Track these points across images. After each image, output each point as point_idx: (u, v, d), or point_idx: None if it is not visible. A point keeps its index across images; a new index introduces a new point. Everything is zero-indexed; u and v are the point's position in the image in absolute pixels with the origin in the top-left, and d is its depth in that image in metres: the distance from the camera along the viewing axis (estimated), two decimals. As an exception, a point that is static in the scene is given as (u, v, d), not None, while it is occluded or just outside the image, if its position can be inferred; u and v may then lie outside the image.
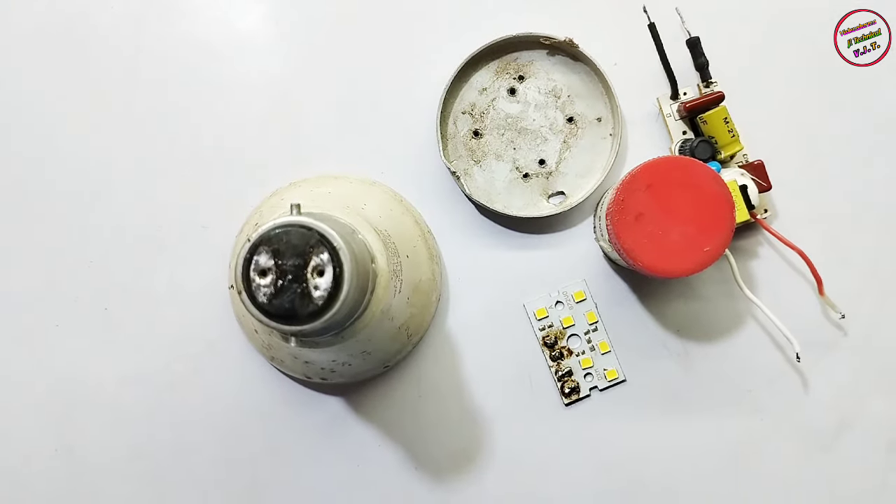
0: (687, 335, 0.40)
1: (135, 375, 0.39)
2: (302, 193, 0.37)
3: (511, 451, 0.39)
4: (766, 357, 0.40)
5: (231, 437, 0.39)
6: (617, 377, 0.39)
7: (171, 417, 0.39)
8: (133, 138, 0.40)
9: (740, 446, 0.40)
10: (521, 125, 0.40)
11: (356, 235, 0.29)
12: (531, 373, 0.40)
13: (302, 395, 0.39)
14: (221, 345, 0.39)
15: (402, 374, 0.40)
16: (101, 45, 0.40)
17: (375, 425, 0.40)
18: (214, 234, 0.40)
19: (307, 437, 0.39)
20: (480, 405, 0.40)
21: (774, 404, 0.40)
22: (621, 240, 0.34)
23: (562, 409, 0.40)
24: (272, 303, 0.25)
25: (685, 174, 0.34)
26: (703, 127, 0.39)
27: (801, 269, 0.40)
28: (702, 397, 0.40)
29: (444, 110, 0.39)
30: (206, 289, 0.39)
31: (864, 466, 0.40)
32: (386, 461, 0.39)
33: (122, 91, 0.40)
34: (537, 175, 0.40)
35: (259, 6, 0.41)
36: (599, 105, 0.40)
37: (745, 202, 0.37)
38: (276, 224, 0.25)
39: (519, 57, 0.40)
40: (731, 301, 0.40)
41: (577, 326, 0.40)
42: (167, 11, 0.41)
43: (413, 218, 0.39)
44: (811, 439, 0.40)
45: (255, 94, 0.40)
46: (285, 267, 0.25)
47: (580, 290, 0.40)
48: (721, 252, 0.34)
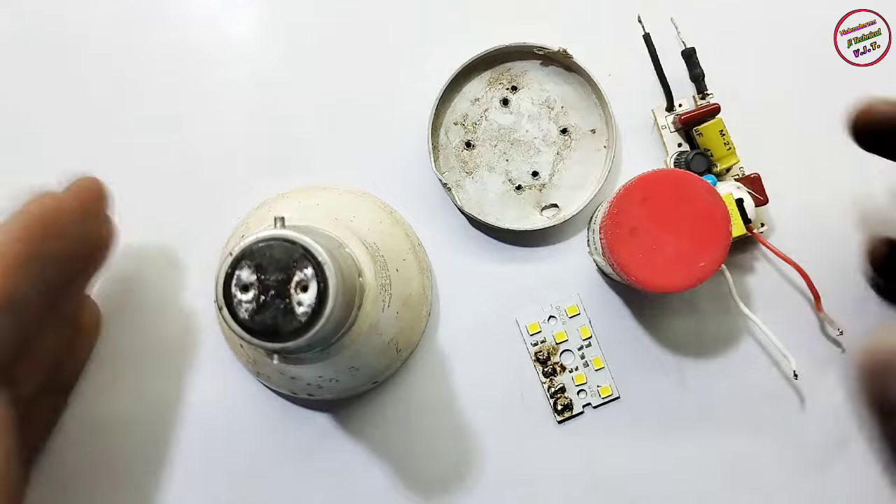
0: (682, 351, 0.39)
1: (118, 387, 0.38)
2: (290, 205, 0.37)
3: (503, 468, 0.39)
4: (763, 374, 0.39)
5: (215, 453, 0.38)
6: (611, 394, 0.39)
7: (153, 431, 0.38)
8: (117, 147, 0.39)
9: (736, 464, 0.39)
10: (513, 136, 0.39)
11: (343, 249, 0.29)
12: (523, 389, 0.39)
13: (288, 411, 0.39)
14: (207, 359, 0.39)
15: (392, 390, 0.39)
16: (85, 50, 0.40)
17: (364, 442, 0.39)
18: (201, 245, 0.39)
19: (294, 454, 0.38)
20: (471, 422, 0.39)
21: (771, 422, 0.39)
22: (615, 254, 0.33)
23: (554, 426, 0.39)
24: (254, 319, 0.24)
25: (680, 187, 0.33)
26: (699, 139, 0.38)
27: (799, 285, 0.39)
28: (697, 414, 0.39)
29: (436, 121, 0.39)
30: (192, 302, 0.39)
31: (862, 485, 0.39)
32: (375, 478, 0.38)
33: (106, 98, 0.40)
34: (530, 187, 0.39)
35: (249, 14, 0.40)
36: (593, 116, 0.39)
37: (741, 216, 0.37)
38: (258, 238, 0.25)
39: (512, 67, 0.39)
40: (726, 317, 0.39)
41: (570, 342, 0.39)
42: (154, 17, 0.40)
43: (403, 230, 0.38)
44: (808, 457, 0.39)
45: (245, 104, 0.40)
46: (268, 282, 0.24)
47: (574, 304, 0.39)
48: (717, 267, 0.33)
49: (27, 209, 0.29)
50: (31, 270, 0.28)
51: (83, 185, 0.33)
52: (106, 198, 0.34)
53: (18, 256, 0.28)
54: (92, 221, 0.33)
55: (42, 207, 0.29)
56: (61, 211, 0.30)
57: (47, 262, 0.29)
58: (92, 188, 0.33)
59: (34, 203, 0.29)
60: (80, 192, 0.32)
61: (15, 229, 0.28)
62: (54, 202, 0.30)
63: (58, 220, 0.30)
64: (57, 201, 0.30)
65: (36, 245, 0.29)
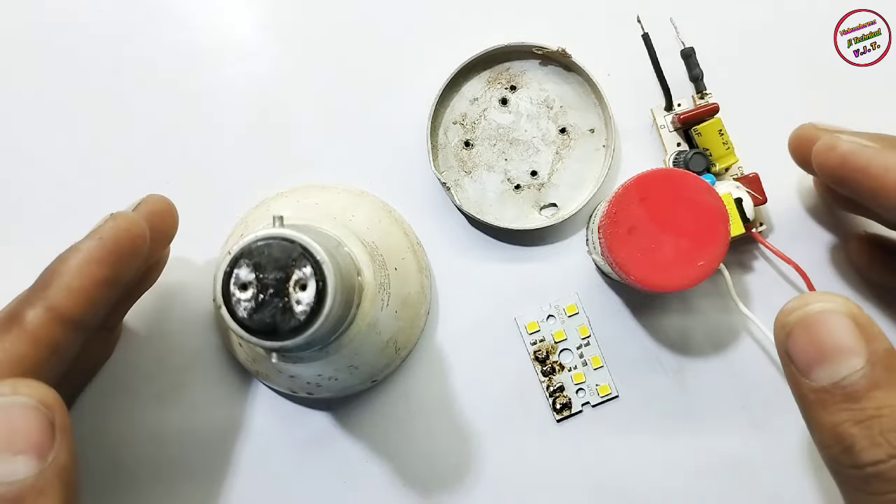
0: (681, 350, 0.39)
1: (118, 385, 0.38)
2: (288, 204, 0.37)
3: (501, 467, 0.39)
4: (762, 373, 0.39)
5: (214, 451, 0.38)
6: (610, 393, 0.39)
7: (152, 429, 0.38)
8: (117, 146, 0.40)
9: (735, 463, 0.39)
10: (512, 136, 0.39)
11: (342, 248, 0.29)
12: (522, 388, 0.39)
13: (287, 410, 0.39)
14: (206, 357, 0.39)
15: (391, 389, 0.39)
16: (85, 51, 0.40)
17: (363, 441, 0.39)
18: (200, 244, 0.39)
19: (292, 453, 0.38)
20: (470, 420, 0.39)
21: (770, 421, 0.39)
22: (613, 253, 0.33)
23: (553, 424, 0.39)
24: (253, 318, 0.24)
25: (679, 187, 0.33)
26: (698, 139, 0.38)
27: (798, 284, 0.39)
28: (696, 413, 0.39)
29: (435, 120, 0.39)
30: (189, 300, 0.39)
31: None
32: (373, 477, 0.38)
33: (105, 98, 0.40)
34: (529, 186, 0.39)
35: (249, 15, 0.40)
36: (592, 116, 0.39)
37: (740, 215, 0.37)
38: (257, 237, 0.25)
39: (511, 67, 0.39)
40: (725, 316, 0.39)
41: (569, 341, 0.39)
42: (155, 17, 0.40)
43: (402, 229, 0.38)
44: (807, 457, 0.39)
45: (244, 102, 0.40)
46: (266, 281, 0.24)
47: (572, 303, 0.39)
48: (716, 266, 0.33)
49: (106, 231, 0.29)
50: (105, 294, 0.29)
51: (154, 205, 0.32)
52: (175, 218, 0.33)
53: (97, 279, 0.28)
54: (159, 243, 0.33)
55: (118, 231, 0.29)
56: (136, 235, 0.29)
57: (118, 285, 0.29)
58: (162, 209, 0.32)
59: (112, 225, 0.29)
60: (151, 213, 0.32)
61: (94, 250, 0.28)
62: (130, 225, 0.29)
63: (132, 243, 0.29)
64: (132, 224, 0.30)
65: (114, 269, 0.29)
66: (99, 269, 0.28)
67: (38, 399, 0.24)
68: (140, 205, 0.32)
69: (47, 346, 0.27)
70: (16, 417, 0.24)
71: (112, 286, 0.29)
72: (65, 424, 0.25)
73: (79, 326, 0.28)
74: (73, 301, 0.28)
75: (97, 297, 0.28)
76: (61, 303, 0.27)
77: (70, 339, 0.28)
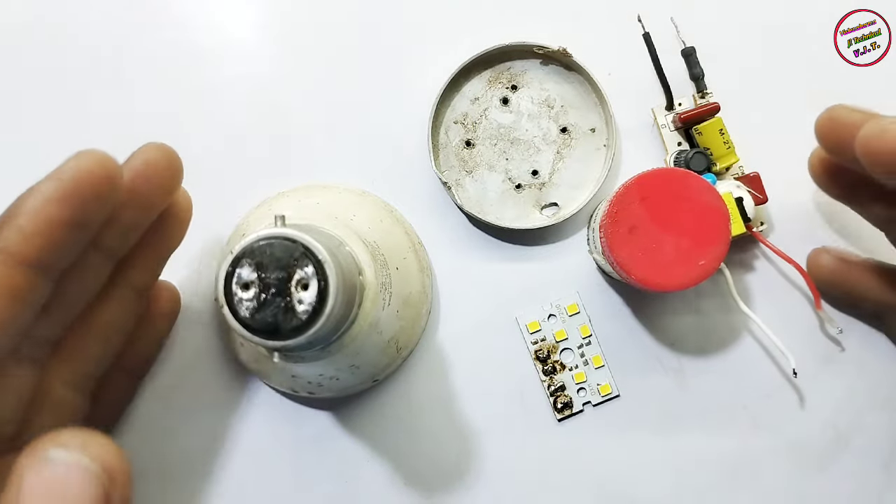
0: (682, 349, 0.39)
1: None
2: (290, 203, 0.37)
3: (502, 466, 0.39)
4: (762, 372, 0.39)
5: (215, 451, 0.38)
6: (611, 392, 0.39)
7: (153, 429, 0.38)
8: (116, 147, 0.39)
9: (735, 462, 0.39)
10: (513, 135, 0.39)
11: (343, 247, 0.29)
12: (523, 387, 0.39)
13: (288, 409, 0.39)
14: (207, 357, 0.39)
15: (392, 388, 0.39)
16: (86, 51, 0.40)
17: (364, 440, 0.39)
18: (201, 244, 0.39)
19: (294, 452, 0.38)
20: (471, 420, 0.39)
21: (770, 420, 0.39)
22: (614, 253, 0.33)
23: (554, 424, 0.39)
24: (254, 317, 0.24)
25: (680, 186, 0.33)
26: (699, 138, 0.38)
27: (798, 283, 0.39)
28: (697, 412, 0.39)
29: (436, 120, 0.39)
30: (191, 300, 0.39)
31: (861, 484, 0.39)
32: (375, 476, 0.39)
33: (105, 97, 0.40)
34: (530, 186, 0.39)
35: (249, 14, 0.40)
36: (593, 115, 0.39)
37: (740, 215, 0.37)
38: (259, 236, 0.25)
39: (512, 66, 0.39)
40: (726, 315, 0.39)
41: (570, 340, 0.39)
42: (154, 17, 0.40)
43: (403, 229, 0.38)
44: (807, 456, 0.39)
45: (245, 102, 0.40)
46: (268, 280, 0.24)
47: (573, 302, 0.39)
48: (716, 266, 0.33)
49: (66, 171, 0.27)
50: (69, 236, 0.27)
51: (148, 153, 0.30)
52: (175, 167, 0.31)
53: (56, 220, 0.26)
54: (157, 190, 0.30)
55: (79, 171, 0.26)
56: (100, 175, 0.27)
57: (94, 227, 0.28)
58: (157, 157, 0.30)
59: (74, 164, 0.27)
60: (145, 162, 0.30)
61: (51, 190, 0.26)
62: (94, 164, 0.27)
63: (96, 183, 0.27)
64: (96, 163, 0.27)
65: (76, 210, 0.26)
66: (58, 209, 0.26)
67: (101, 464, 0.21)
68: (134, 153, 0.30)
69: (8, 291, 0.26)
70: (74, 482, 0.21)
71: (77, 228, 0.27)
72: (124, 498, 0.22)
73: (43, 271, 0.26)
74: (28, 243, 0.26)
75: (58, 238, 0.26)
76: (16, 245, 0.26)
77: (34, 283, 0.26)
